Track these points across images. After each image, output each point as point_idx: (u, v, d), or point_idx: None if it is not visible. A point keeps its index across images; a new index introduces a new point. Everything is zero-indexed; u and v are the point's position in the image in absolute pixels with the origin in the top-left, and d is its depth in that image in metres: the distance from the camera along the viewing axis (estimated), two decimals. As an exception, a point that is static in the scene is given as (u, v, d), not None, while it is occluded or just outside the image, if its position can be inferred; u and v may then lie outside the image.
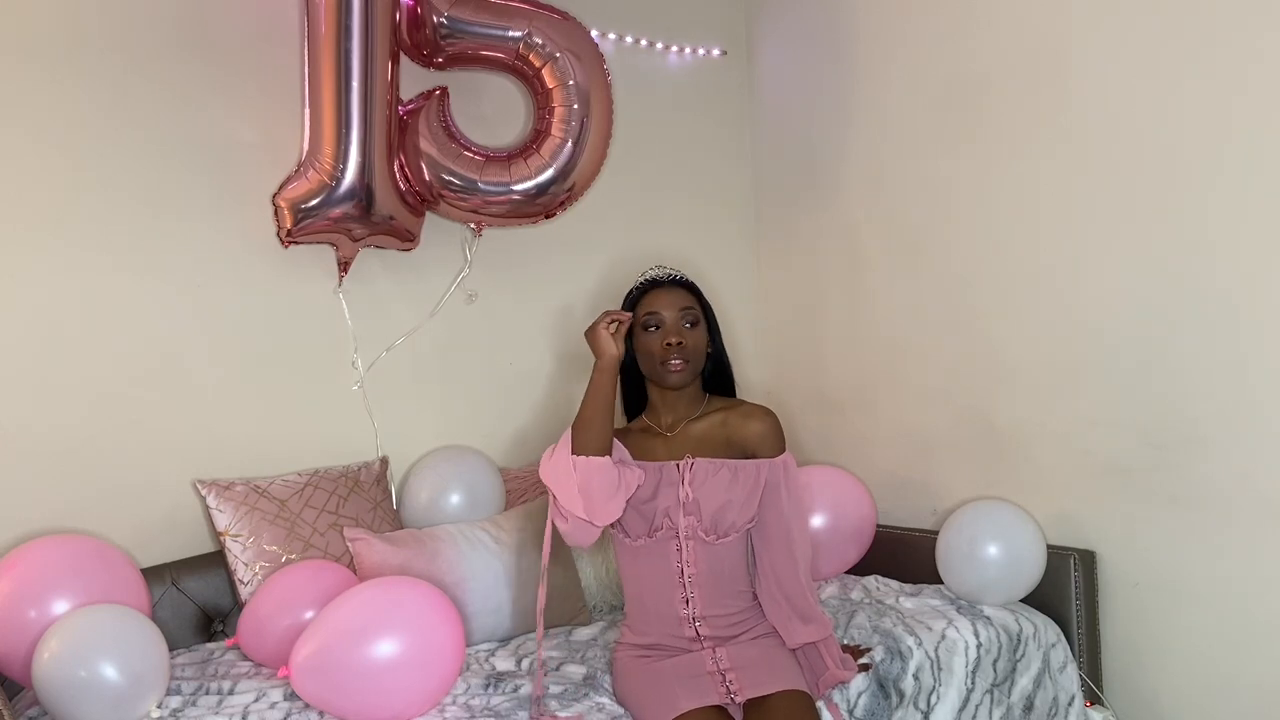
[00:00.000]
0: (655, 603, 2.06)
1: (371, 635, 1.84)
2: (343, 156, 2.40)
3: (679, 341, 2.05)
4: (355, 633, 1.85)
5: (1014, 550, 2.39)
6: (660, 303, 2.08)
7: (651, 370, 2.08)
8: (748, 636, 2.06)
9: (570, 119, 2.64)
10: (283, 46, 2.55)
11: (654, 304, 2.08)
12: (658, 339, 2.06)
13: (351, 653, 1.83)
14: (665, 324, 2.06)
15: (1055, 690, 2.38)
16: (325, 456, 2.62)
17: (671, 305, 2.07)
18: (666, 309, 2.07)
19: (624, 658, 2.09)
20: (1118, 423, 2.39)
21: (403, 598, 1.92)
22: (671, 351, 2.04)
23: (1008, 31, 2.57)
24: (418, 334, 2.78)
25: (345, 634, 1.85)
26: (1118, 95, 2.35)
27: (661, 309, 2.07)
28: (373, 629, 1.85)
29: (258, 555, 2.33)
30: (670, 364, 2.04)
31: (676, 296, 2.09)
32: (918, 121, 2.81)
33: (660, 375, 2.07)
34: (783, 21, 3.25)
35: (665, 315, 2.07)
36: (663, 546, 2.04)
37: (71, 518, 2.31)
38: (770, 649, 2.04)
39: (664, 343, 2.05)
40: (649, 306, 2.08)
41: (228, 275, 2.53)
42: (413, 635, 1.86)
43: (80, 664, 1.81)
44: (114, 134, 2.39)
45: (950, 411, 2.77)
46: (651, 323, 2.07)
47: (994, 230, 2.63)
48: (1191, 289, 2.24)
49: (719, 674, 1.97)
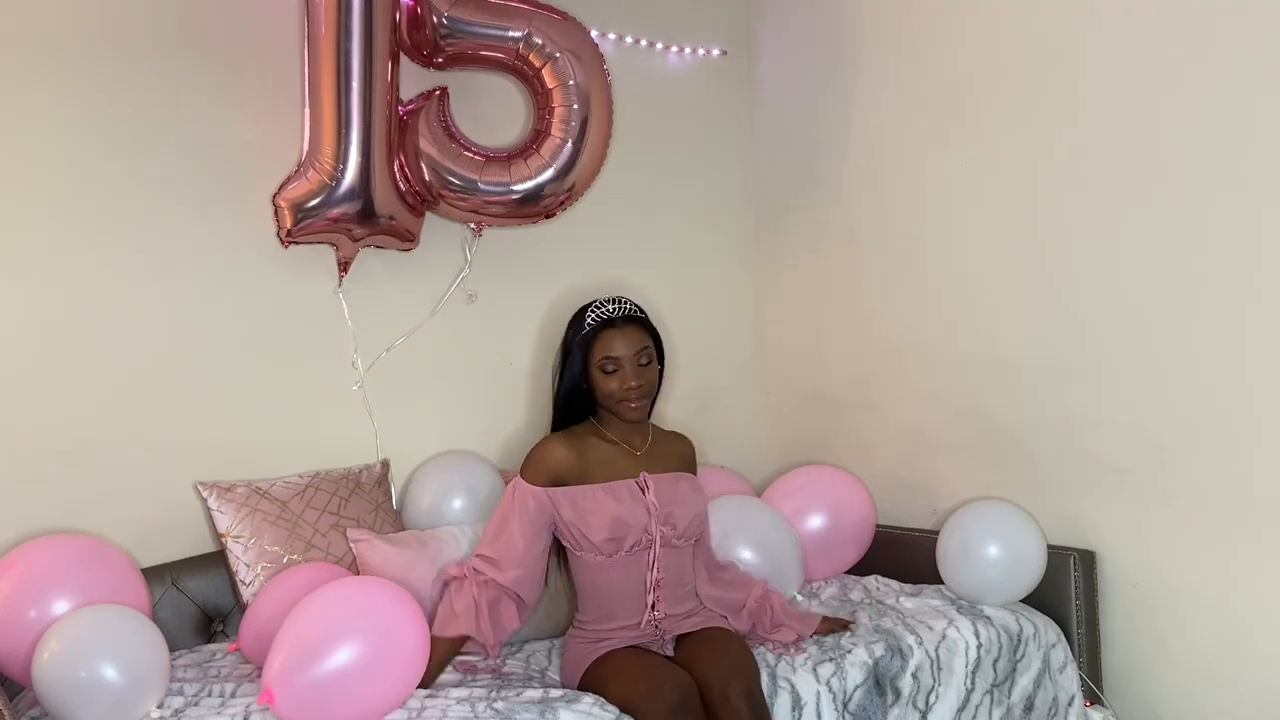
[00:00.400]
0: (620, 608, 2.13)
1: (332, 643, 1.79)
2: (343, 156, 2.40)
3: (638, 384, 2.13)
4: (318, 642, 1.80)
5: (1015, 550, 2.39)
6: (616, 345, 2.13)
7: (611, 406, 2.16)
8: (700, 623, 2.18)
9: (570, 119, 2.64)
10: (283, 46, 2.54)
11: (610, 347, 2.13)
12: (615, 381, 2.13)
13: (319, 664, 1.77)
14: (623, 367, 2.13)
15: (1055, 690, 2.38)
16: (325, 457, 2.61)
17: (628, 346, 2.13)
18: (623, 350, 2.13)
19: (578, 641, 2.15)
20: (1118, 423, 2.39)
21: (351, 596, 1.91)
22: (631, 393, 2.13)
23: (1008, 32, 2.57)
24: (418, 334, 2.78)
25: (308, 646, 1.80)
26: (1118, 94, 2.35)
27: (618, 352, 2.13)
28: (332, 636, 1.80)
29: (259, 556, 2.33)
30: (629, 404, 2.13)
31: (632, 337, 2.15)
32: (918, 121, 2.81)
33: (620, 411, 2.15)
34: (783, 21, 3.25)
35: (622, 358, 2.13)
36: (635, 558, 2.11)
37: (71, 518, 2.31)
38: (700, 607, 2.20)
39: (624, 386, 2.12)
40: (606, 350, 2.13)
41: (228, 275, 2.53)
42: (371, 634, 1.83)
43: (80, 664, 1.80)
44: (114, 134, 2.39)
45: (950, 411, 2.77)
46: (610, 366, 2.13)
47: (994, 230, 2.63)
48: (1191, 288, 2.24)
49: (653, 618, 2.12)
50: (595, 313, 2.16)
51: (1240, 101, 2.14)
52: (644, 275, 3.14)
